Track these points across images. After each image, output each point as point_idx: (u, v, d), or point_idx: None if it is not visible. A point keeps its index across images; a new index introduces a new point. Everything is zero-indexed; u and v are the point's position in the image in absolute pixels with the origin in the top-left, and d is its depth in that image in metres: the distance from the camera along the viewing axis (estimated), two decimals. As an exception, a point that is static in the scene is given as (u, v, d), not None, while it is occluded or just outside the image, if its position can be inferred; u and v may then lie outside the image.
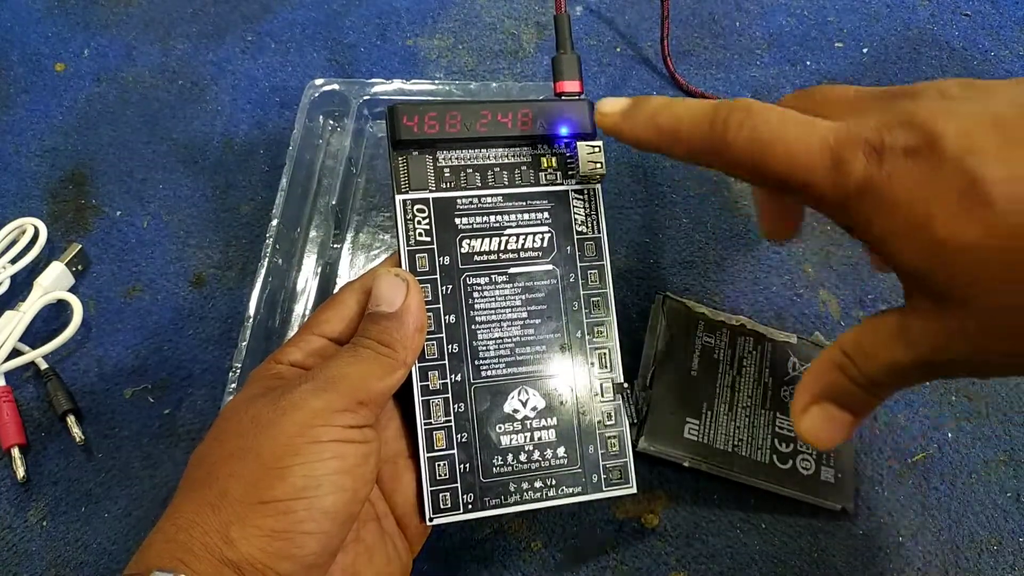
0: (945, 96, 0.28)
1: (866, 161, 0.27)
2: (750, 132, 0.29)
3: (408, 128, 0.37)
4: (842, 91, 0.31)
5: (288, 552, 0.28)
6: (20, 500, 0.44)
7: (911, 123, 0.27)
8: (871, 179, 0.27)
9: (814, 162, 0.28)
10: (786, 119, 0.29)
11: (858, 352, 0.29)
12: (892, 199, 0.26)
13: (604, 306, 0.38)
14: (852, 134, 0.27)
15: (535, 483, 0.36)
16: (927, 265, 0.26)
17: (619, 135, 0.35)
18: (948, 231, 0.25)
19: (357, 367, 0.32)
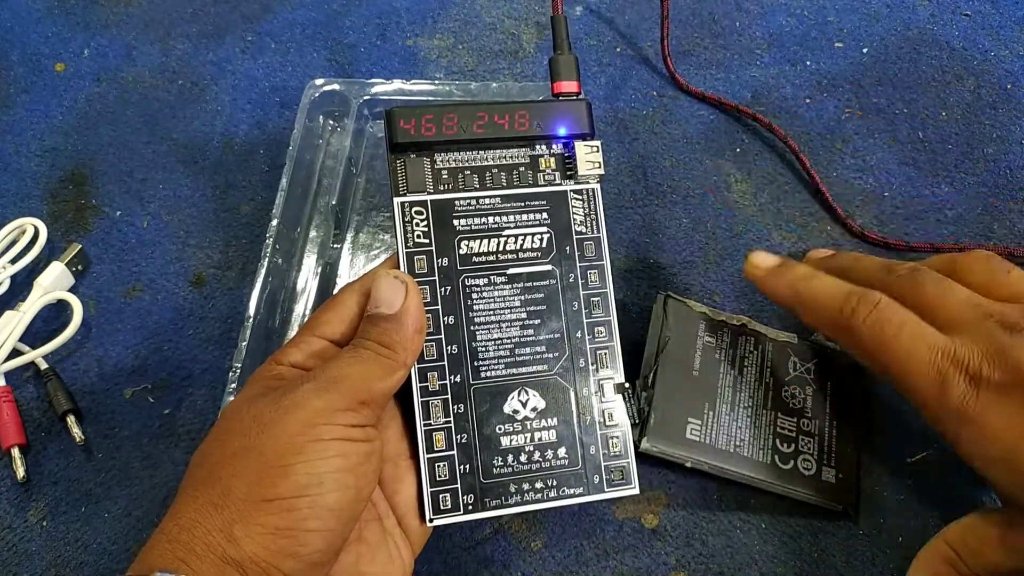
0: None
1: (966, 388, 0.30)
2: (872, 327, 0.33)
3: (405, 131, 0.37)
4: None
5: (292, 550, 0.28)
6: (20, 500, 0.44)
7: (1008, 357, 0.30)
8: (968, 406, 0.30)
9: (923, 376, 0.32)
10: (907, 321, 0.33)
11: (964, 549, 0.33)
12: (986, 428, 0.30)
13: (604, 306, 0.39)
14: (957, 357, 0.31)
15: (536, 484, 0.36)
16: (1018, 491, 0.30)
17: (762, 288, 0.40)
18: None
19: (358, 368, 0.32)
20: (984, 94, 0.56)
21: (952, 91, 0.56)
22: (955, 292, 0.34)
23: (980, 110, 0.55)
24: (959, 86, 0.57)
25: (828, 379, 0.44)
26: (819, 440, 0.43)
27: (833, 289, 0.35)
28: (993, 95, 0.56)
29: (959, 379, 0.30)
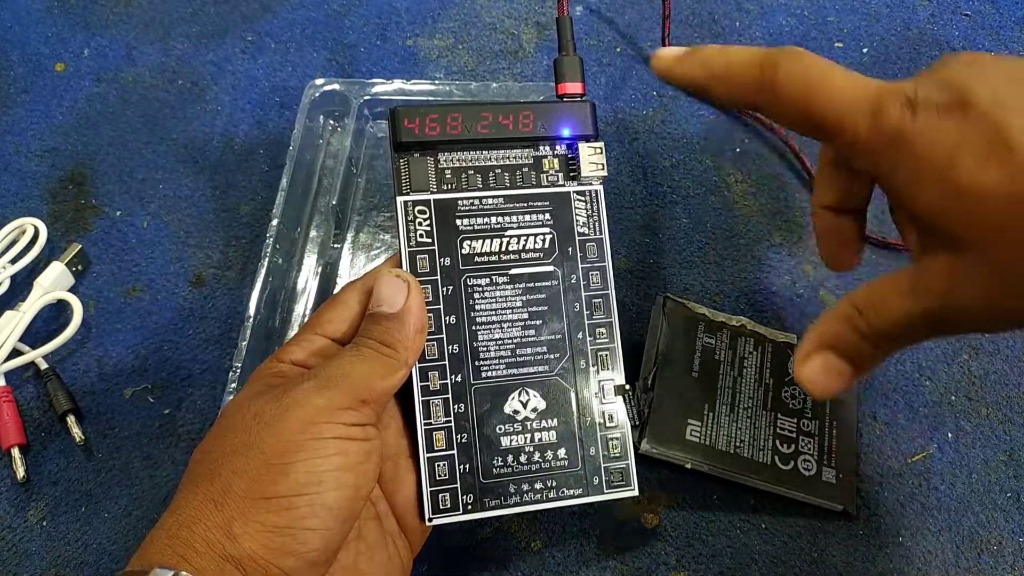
0: (976, 63, 0.29)
1: (902, 111, 0.28)
2: (801, 72, 0.31)
3: (409, 130, 0.37)
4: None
5: (291, 548, 0.28)
6: (20, 500, 0.44)
7: (945, 82, 0.28)
8: (904, 127, 0.28)
9: (856, 106, 0.29)
10: (835, 67, 0.31)
11: (867, 305, 0.30)
12: (920, 147, 0.27)
13: (605, 307, 0.38)
14: (893, 86, 0.29)
15: (535, 484, 0.36)
16: (946, 209, 0.27)
17: (671, 77, 0.36)
18: (971, 177, 0.26)
19: (359, 366, 0.32)
20: (984, 94, 0.56)
21: (952, 91, 0.56)
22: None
23: (980, 110, 0.55)
24: (959, 86, 0.56)
25: (828, 379, 0.44)
26: (819, 440, 0.43)
27: (749, 53, 0.33)
28: (993, 95, 0.56)
29: (895, 103, 0.28)
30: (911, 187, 0.28)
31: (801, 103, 0.31)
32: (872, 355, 0.31)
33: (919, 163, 0.27)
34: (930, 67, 0.31)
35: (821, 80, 0.30)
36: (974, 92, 0.27)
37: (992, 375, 0.47)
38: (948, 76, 0.28)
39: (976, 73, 0.28)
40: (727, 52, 0.34)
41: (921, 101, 0.28)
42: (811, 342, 0.32)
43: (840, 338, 0.31)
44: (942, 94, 0.28)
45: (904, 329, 0.29)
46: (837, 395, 0.42)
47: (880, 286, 0.30)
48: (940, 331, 0.29)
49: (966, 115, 0.27)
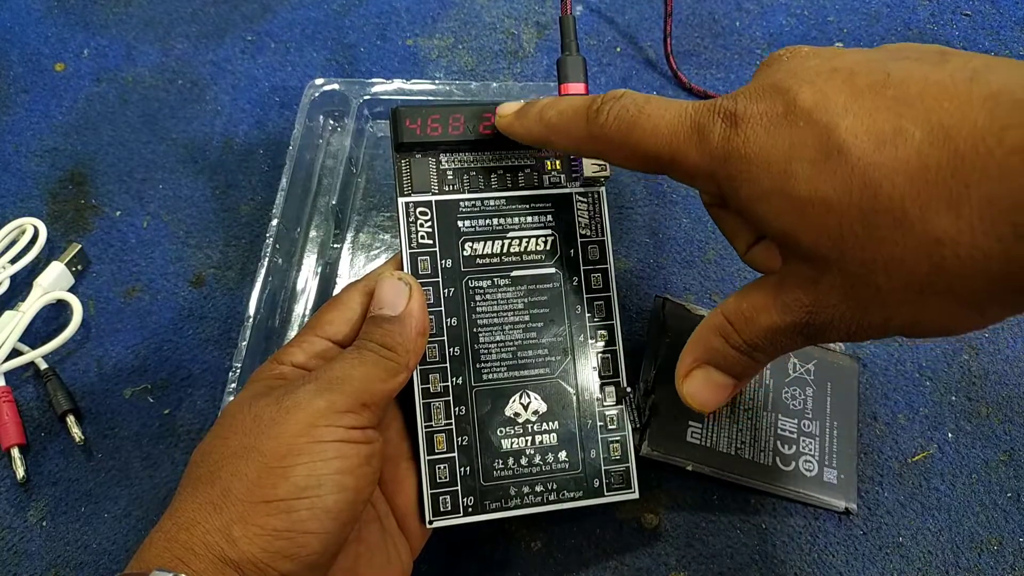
0: (795, 58, 0.28)
1: (723, 128, 0.27)
2: (618, 112, 0.30)
3: (411, 131, 0.37)
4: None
5: (290, 552, 0.28)
6: (20, 500, 0.44)
7: (765, 88, 0.27)
8: (730, 143, 0.27)
9: (677, 133, 0.29)
10: (650, 99, 0.30)
11: (738, 317, 0.30)
12: (753, 161, 0.26)
13: (607, 309, 0.38)
14: (710, 104, 0.28)
15: (536, 487, 0.36)
16: (792, 225, 0.26)
17: (513, 133, 0.36)
18: (807, 187, 0.25)
19: (360, 369, 0.32)
20: (984, 94, 0.56)
21: (952, 91, 0.56)
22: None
23: (980, 110, 0.55)
24: (959, 86, 0.56)
25: (828, 379, 0.44)
26: (820, 441, 0.43)
27: (576, 102, 0.33)
28: (993, 95, 0.56)
29: (717, 121, 0.27)
30: (754, 205, 0.27)
31: (626, 143, 0.30)
32: (751, 365, 0.31)
33: (756, 177, 0.26)
34: (755, 75, 0.30)
35: (638, 116, 0.30)
36: (796, 94, 0.26)
37: (992, 375, 0.47)
38: (768, 81, 0.27)
39: (794, 71, 0.27)
40: (558, 104, 0.34)
41: (741, 114, 0.27)
42: (690, 357, 0.32)
43: (717, 353, 0.31)
44: (763, 102, 0.27)
45: (777, 341, 0.29)
46: (839, 397, 0.42)
47: (749, 298, 0.29)
48: (812, 341, 0.29)
49: (792, 121, 0.26)
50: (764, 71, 0.29)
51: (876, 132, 0.24)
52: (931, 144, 0.23)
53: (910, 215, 0.23)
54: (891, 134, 0.24)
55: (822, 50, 0.29)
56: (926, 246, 0.23)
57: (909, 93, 0.24)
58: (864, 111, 0.25)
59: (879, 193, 0.24)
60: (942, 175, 0.23)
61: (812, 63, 0.27)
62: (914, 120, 0.23)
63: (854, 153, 0.24)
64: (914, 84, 0.24)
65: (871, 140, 0.24)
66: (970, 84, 0.23)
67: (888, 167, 0.23)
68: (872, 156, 0.24)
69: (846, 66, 0.26)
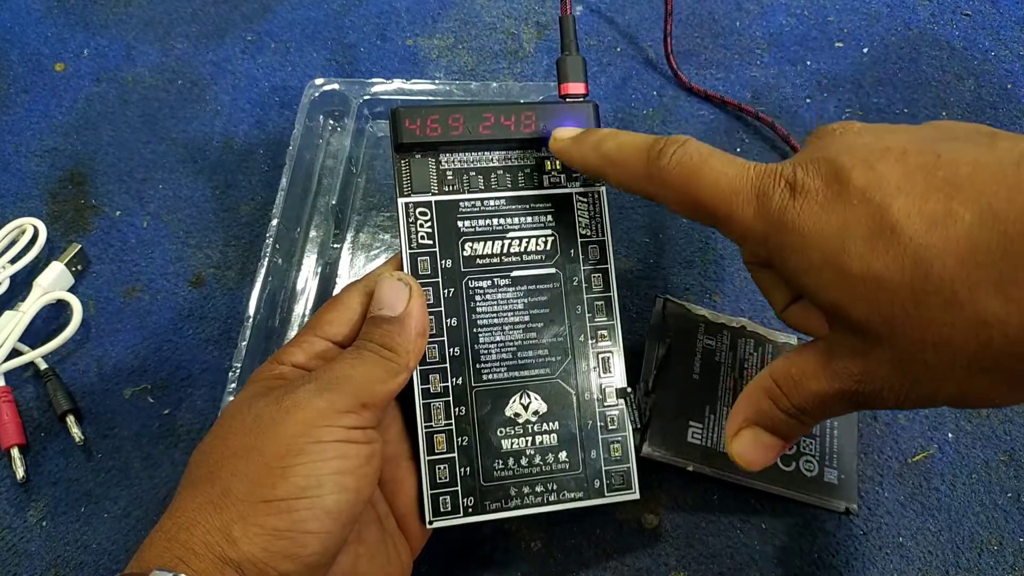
0: (848, 133, 0.29)
1: (783, 196, 0.28)
2: (681, 158, 0.31)
3: (411, 131, 0.37)
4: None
5: (290, 552, 0.28)
6: (20, 500, 0.44)
7: (820, 159, 0.28)
8: (787, 213, 0.28)
9: (738, 192, 0.29)
10: (714, 152, 0.31)
11: (787, 381, 0.30)
12: (807, 233, 0.27)
13: (608, 310, 0.38)
14: (772, 169, 0.29)
15: (536, 487, 0.36)
16: (843, 300, 0.27)
17: (570, 160, 0.37)
18: (860, 264, 0.26)
19: (360, 369, 0.32)
20: (984, 94, 0.56)
21: (952, 91, 0.56)
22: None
23: (980, 110, 0.55)
24: (959, 86, 0.57)
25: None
26: (820, 441, 0.43)
27: (638, 139, 0.33)
28: (993, 95, 0.56)
29: (777, 188, 0.28)
30: (805, 276, 0.28)
31: (685, 190, 0.31)
32: (798, 428, 0.31)
33: (808, 251, 0.27)
34: (806, 143, 0.31)
35: (701, 166, 0.30)
36: (850, 172, 0.27)
37: (992, 375, 0.46)
38: (823, 155, 0.28)
39: (848, 148, 0.28)
40: (618, 136, 0.34)
41: (799, 185, 0.27)
42: (739, 417, 0.32)
43: (766, 415, 0.31)
44: (818, 177, 0.27)
45: (826, 406, 0.29)
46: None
47: (797, 363, 0.30)
48: (859, 408, 0.29)
49: (846, 198, 0.26)
50: (817, 144, 0.30)
51: (928, 213, 0.24)
52: (981, 227, 0.23)
53: (959, 296, 0.24)
54: (942, 216, 0.24)
55: (874, 127, 0.29)
56: (975, 327, 0.24)
57: (959, 175, 0.25)
58: (916, 192, 0.25)
59: (930, 273, 0.24)
60: (991, 257, 0.23)
61: (865, 140, 0.28)
62: (964, 203, 0.24)
63: (906, 233, 0.25)
64: (964, 166, 0.25)
65: (923, 221, 0.24)
66: (1018, 168, 0.24)
67: (939, 248, 0.24)
68: (924, 237, 0.24)
69: (898, 146, 0.27)
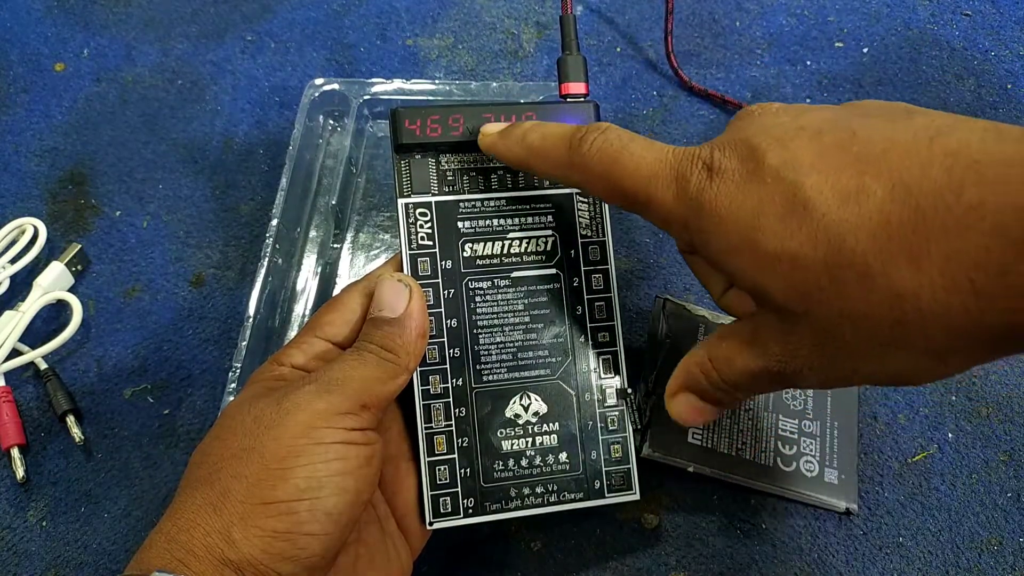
0: (766, 114, 0.29)
1: (699, 178, 0.28)
2: (601, 145, 0.31)
3: (411, 131, 0.37)
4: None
5: (290, 553, 0.28)
6: (20, 500, 0.44)
7: (736, 140, 0.28)
8: (704, 194, 0.28)
9: (657, 176, 0.29)
10: (635, 137, 0.31)
11: (717, 356, 0.31)
12: (724, 214, 0.27)
13: (608, 310, 0.38)
14: (690, 152, 0.29)
15: (536, 488, 0.36)
16: (762, 279, 0.27)
17: (497, 154, 0.37)
18: (776, 243, 0.26)
19: (360, 371, 0.32)
20: (984, 94, 0.56)
21: (952, 91, 0.56)
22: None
23: (981, 110, 0.55)
24: (959, 86, 0.57)
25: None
26: (821, 441, 0.43)
27: (560, 129, 0.33)
28: (994, 95, 0.56)
29: (695, 171, 0.28)
30: (725, 256, 0.28)
31: (606, 176, 0.31)
32: (728, 399, 0.32)
33: (726, 231, 0.27)
34: (728, 126, 0.31)
35: (621, 152, 0.30)
36: (765, 152, 0.27)
37: (992, 375, 0.47)
38: (740, 136, 0.28)
39: (765, 128, 0.28)
40: (542, 128, 0.34)
41: (716, 166, 0.28)
42: (675, 382, 0.33)
43: (698, 384, 0.32)
44: (735, 157, 0.27)
45: (752, 383, 0.30)
46: (839, 397, 0.42)
47: (728, 340, 0.30)
48: (786, 386, 0.30)
49: (760, 178, 0.26)
50: (737, 125, 0.30)
51: (840, 189, 0.25)
52: (893, 201, 0.24)
53: (873, 270, 0.24)
54: (855, 191, 0.24)
55: (791, 107, 0.29)
56: (888, 300, 0.24)
57: (873, 151, 0.25)
58: (829, 169, 0.25)
59: (843, 248, 0.24)
60: (903, 231, 0.23)
61: (781, 120, 0.28)
62: (877, 177, 0.24)
63: (819, 209, 0.25)
64: (878, 143, 0.25)
65: (836, 197, 0.25)
66: (931, 143, 0.24)
67: (852, 223, 0.24)
68: (836, 212, 0.24)
69: (813, 124, 0.27)
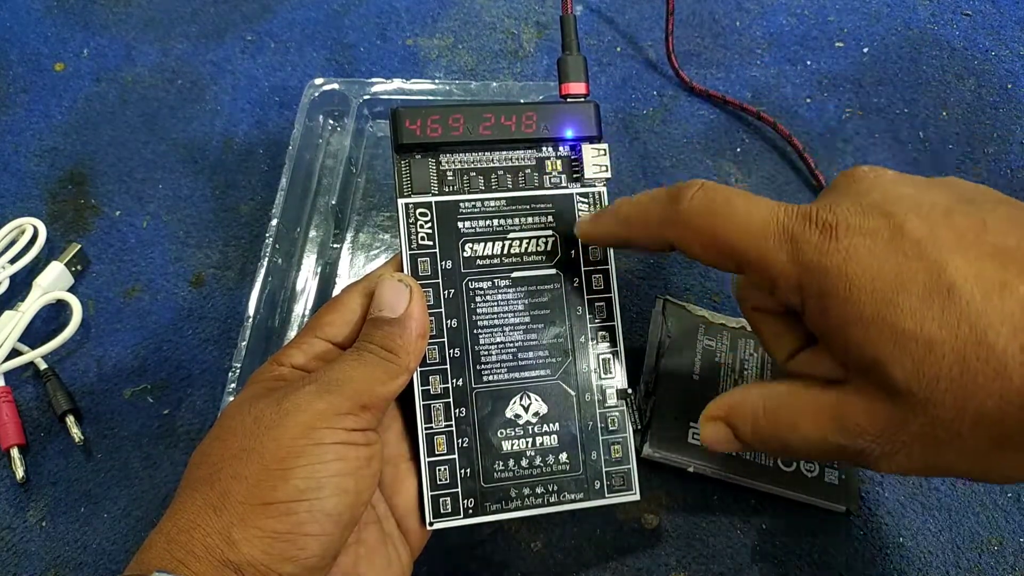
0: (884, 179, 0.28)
1: (822, 237, 0.26)
2: (702, 199, 0.30)
3: (411, 131, 0.37)
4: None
5: (290, 554, 0.28)
6: (19, 500, 0.44)
7: (866, 204, 0.26)
8: (828, 257, 0.26)
9: (768, 234, 0.28)
10: (736, 191, 0.29)
11: (776, 414, 0.29)
12: (853, 279, 0.26)
13: (608, 311, 0.38)
14: (806, 210, 0.27)
15: (536, 489, 0.36)
16: (886, 356, 0.25)
17: (594, 241, 0.36)
18: (913, 323, 0.24)
19: (360, 371, 0.32)
20: (985, 94, 0.56)
21: (953, 91, 0.56)
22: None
23: (981, 110, 0.55)
24: (960, 86, 0.57)
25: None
26: (820, 441, 0.43)
27: (654, 193, 0.32)
28: (994, 95, 0.56)
29: (815, 230, 0.26)
30: (848, 326, 0.26)
31: (710, 232, 0.29)
32: (763, 450, 0.31)
33: (857, 300, 0.25)
34: (836, 185, 0.29)
35: (725, 206, 0.29)
36: (904, 222, 0.25)
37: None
38: (867, 200, 0.27)
39: (895, 197, 0.27)
40: (633, 199, 0.33)
41: (843, 227, 0.26)
42: (720, 409, 0.32)
43: (739, 426, 0.31)
44: (867, 220, 0.26)
45: (808, 451, 0.29)
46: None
47: (798, 402, 0.29)
48: (851, 464, 0.28)
49: (901, 249, 0.25)
50: (853, 187, 0.28)
51: (985, 279, 0.24)
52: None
53: (1010, 369, 0.23)
54: (999, 284, 0.24)
55: (907, 177, 0.28)
56: (1021, 401, 0.23)
57: (1009, 244, 0.24)
58: (971, 255, 0.24)
59: (983, 341, 0.23)
60: None
61: (908, 191, 0.27)
62: (1019, 275, 0.24)
63: (964, 296, 0.24)
64: (1012, 237, 0.24)
65: (980, 287, 0.24)
66: None
67: (995, 317, 0.23)
68: (980, 303, 0.24)
69: (942, 203, 0.26)
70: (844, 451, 0.27)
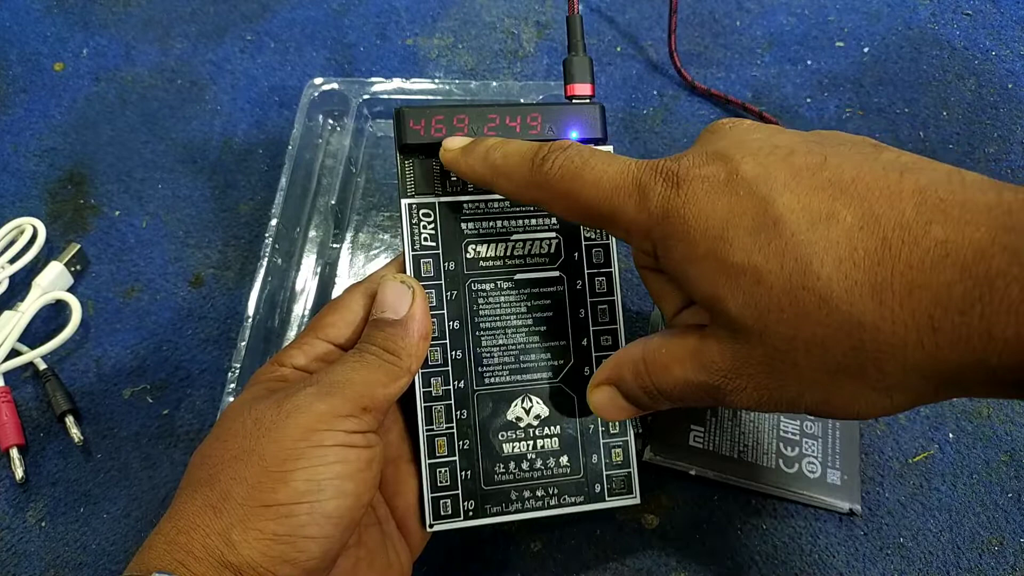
0: (738, 129, 0.30)
1: (665, 186, 0.28)
2: (563, 162, 0.31)
3: (415, 132, 0.37)
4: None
5: (290, 556, 0.28)
6: (19, 501, 0.44)
7: (707, 152, 0.28)
8: (670, 203, 0.27)
9: (618, 188, 0.29)
10: (596, 153, 0.31)
11: (654, 361, 0.30)
12: (691, 222, 0.27)
13: (611, 313, 0.38)
14: (653, 163, 0.29)
15: (537, 491, 0.36)
16: (722, 291, 0.26)
17: (458, 171, 0.36)
18: (742, 256, 0.26)
19: (362, 373, 0.32)
20: (985, 94, 0.56)
21: (953, 91, 0.56)
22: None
23: (981, 110, 0.55)
24: (960, 85, 0.56)
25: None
26: (823, 442, 0.43)
27: (523, 147, 0.33)
28: (994, 95, 0.56)
29: (659, 180, 0.28)
30: (686, 267, 0.28)
31: (569, 194, 0.31)
32: (652, 405, 0.32)
33: (691, 239, 0.27)
34: (698, 139, 0.31)
35: (583, 167, 0.30)
36: (739, 164, 0.27)
37: (993, 376, 0.46)
38: (712, 148, 0.28)
39: (739, 142, 0.28)
40: (505, 146, 0.34)
41: (683, 174, 0.27)
42: (603, 374, 0.33)
43: (625, 383, 0.32)
44: (706, 167, 0.27)
45: (684, 394, 0.30)
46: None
47: (669, 347, 0.30)
48: (719, 403, 0.29)
49: (733, 189, 0.26)
50: (707, 138, 0.30)
51: (811, 211, 0.25)
52: (861, 229, 0.24)
53: (835, 296, 0.24)
54: (825, 215, 0.24)
55: (763, 126, 0.30)
56: (847, 328, 0.24)
57: (843, 178, 0.25)
58: (801, 190, 0.25)
59: (808, 270, 0.24)
60: (869, 260, 0.23)
61: (755, 136, 0.28)
62: (847, 204, 0.24)
63: (789, 228, 0.25)
64: (848, 170, 0.25)
65: (806, 218, 0.25)
66: (900, 178, 0.24)
67: (819, 246, 0.24)
68: (805, 233, 0.24)
69: (786, 144, 0.27)
70: (705, 388, 0.29)
